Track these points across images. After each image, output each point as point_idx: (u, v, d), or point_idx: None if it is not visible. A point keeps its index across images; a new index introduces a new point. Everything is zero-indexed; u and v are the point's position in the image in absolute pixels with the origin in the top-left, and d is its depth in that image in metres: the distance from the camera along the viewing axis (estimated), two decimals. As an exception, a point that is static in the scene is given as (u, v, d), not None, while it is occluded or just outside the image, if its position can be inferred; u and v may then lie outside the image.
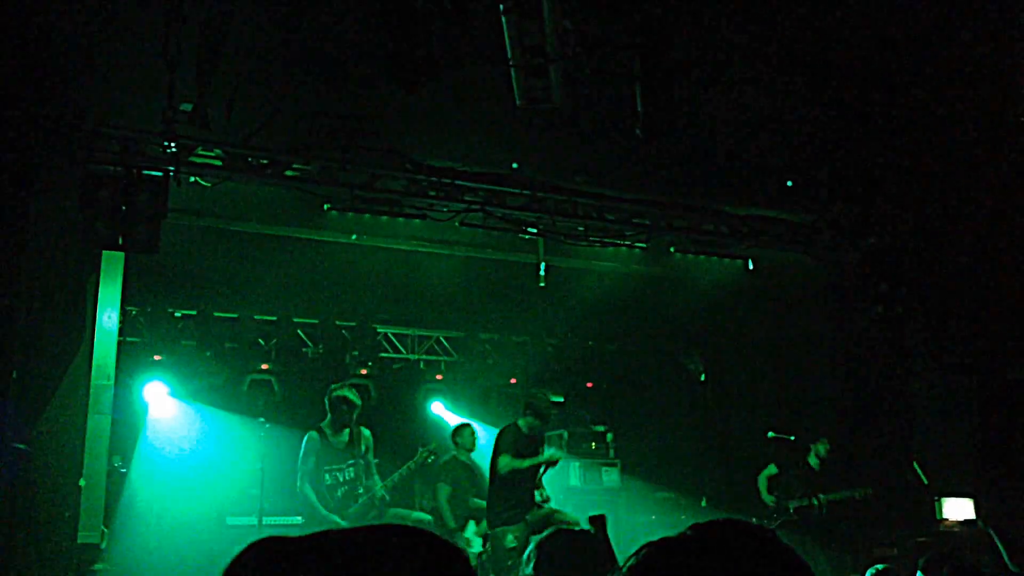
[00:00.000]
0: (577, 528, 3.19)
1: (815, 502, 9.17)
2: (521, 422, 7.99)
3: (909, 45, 6.49)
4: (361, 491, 7.39)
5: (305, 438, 7.43)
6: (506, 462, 7.61)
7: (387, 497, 7.46)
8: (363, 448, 7.49)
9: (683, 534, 1.47)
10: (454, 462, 9.38)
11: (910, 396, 9.73)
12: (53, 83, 6.49)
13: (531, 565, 2.98)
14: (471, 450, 9.50)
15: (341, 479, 7.39)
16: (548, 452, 8.09)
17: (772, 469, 9.49)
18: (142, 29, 6.04)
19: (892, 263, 9.47)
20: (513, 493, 7.91)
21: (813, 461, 9.47)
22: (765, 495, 9.40)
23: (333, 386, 7.54)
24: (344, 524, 7.17)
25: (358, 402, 7.42)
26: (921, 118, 7.53)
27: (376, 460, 7.63)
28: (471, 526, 9.05)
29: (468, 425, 9.77)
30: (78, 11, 5.91)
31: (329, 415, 7.45)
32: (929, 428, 9.58)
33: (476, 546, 8.68)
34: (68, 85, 6.51)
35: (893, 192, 8.88)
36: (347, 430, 7.42)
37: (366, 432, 7.56)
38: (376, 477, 7.51)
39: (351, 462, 7.44)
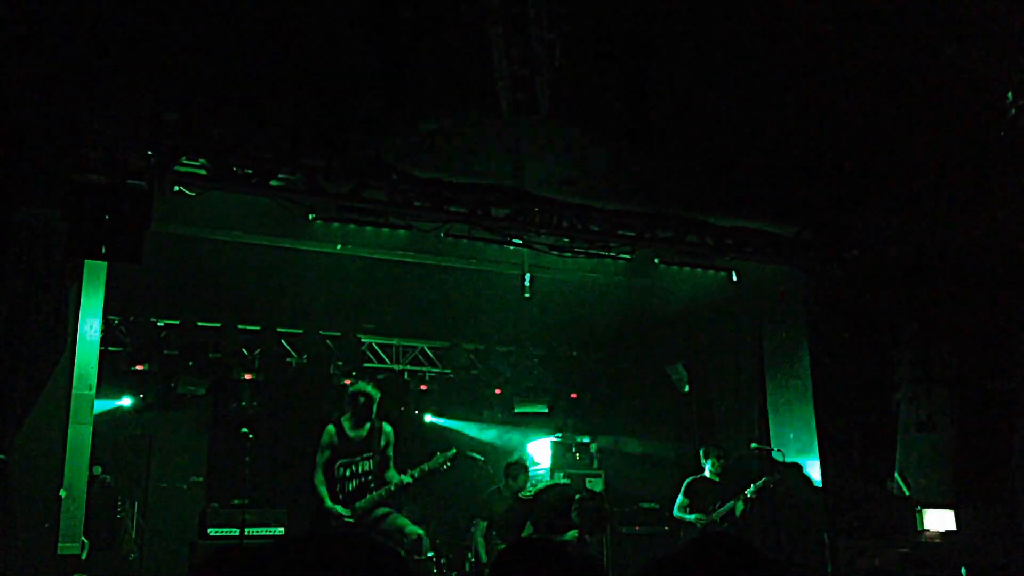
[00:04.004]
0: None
1: (740, 504, 9.13)
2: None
3: (895, 56, 6.55)
4: (374, 485, 7.32)
5: (324, 431, 7.38)
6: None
7: (402, 482, 7.29)
8: (383, 443, 7.41)
9: (678, 550, 1.53)
10: (497, 497, 9.18)
11: (892, 407, 9.78)
12: (37, 91, 6.46)
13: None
14: (520, 490, 9.14)
15: (357, 471, 7.31)
16: None
17: (683, 500, 9.41)
18: (127, 38, 6.03)
19: (875, 275, 9.54)
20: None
21: (712, 476, 9.41)
22: (691, 517, 9.27)
23: (350, 382, 7.49)
24: (348, 516, 7.13)
25: (376, 395, 7.37)
26: (906, 130, 7.59)
27: (392, 455, 7.53)
28: None
29: (523, 464, 9.45)
30: (63, 19, 5.89)
31: (349, 410, 7.39)
32: (910, 439, 9.64)
33: None
34: (52, 94, 6.48)
35: (876, 204, 8.95)
36: (367, 424, 7.35)
37: (387, 427, 7.49)
38: (393, 471, 7.41)
39: (367, 455, 7.35)
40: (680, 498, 9.43)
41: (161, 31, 5.92)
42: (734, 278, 10.03)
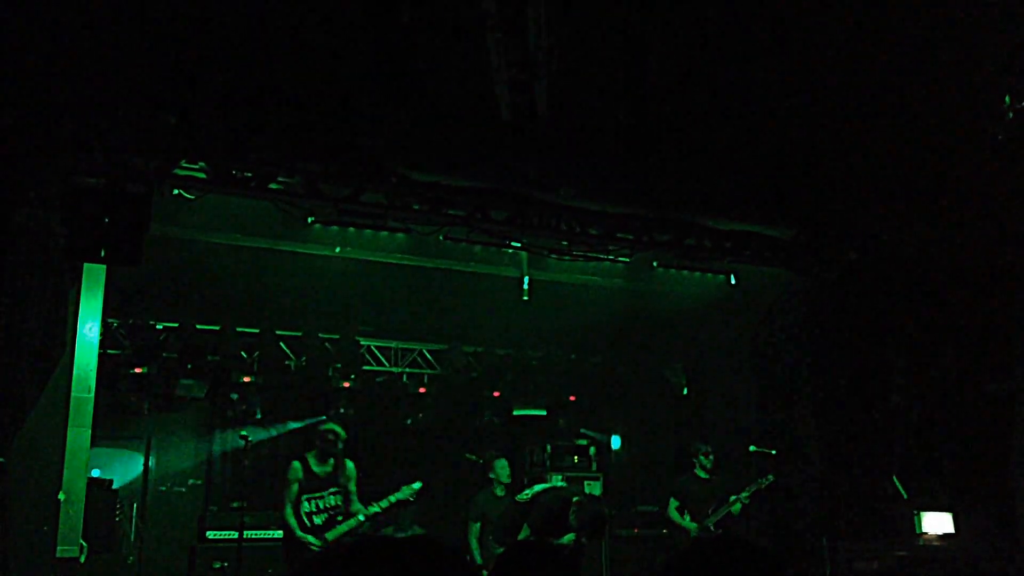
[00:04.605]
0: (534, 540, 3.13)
1: (736, 507, 9.10)
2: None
3: (894, 60, 6.57)
4: (340, 518, 7.65)
5: (290, 467, 7.69)
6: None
7: (366, 524, 7.67)
8: (345, 479, 7.74)
9: (686, 550, 1.55)
10: (490, 498, 9.17)
11: (890, 409, 9.79)
12: (37, 94, 6.47)
13: None
14: (505, 484, 9.11)
15: (321, 506, 7.63)
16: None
17: (674, 502, 9.34)
18: (127, 41, 6.04)
19: (873, 278, 9.56)
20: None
21: (702, 473, 9.33)
22: (685, 523, 9.20)
23: (321, 420, 8.00)
24: (318, 545, 7.39)
25: (344, 435, 7.71)
26: (905, 133, 7.61)
27: (355, 490, 7.87)
28: None
29: (502, 457, 9.48)
30: (63, 22, 5.91)
31: (316, 446, 7.72)
32: (908, 442, 9.65)
33: None
34: (51, 96, 6.49)
35: (874, 207, 8.96)
36: (332, 460, 7.68)
37: (350, 464, 7.80)
38: (358, 504, 7.73)
39: (333, 490, 7.67)
40: (672, 499, 9.40)
41: (160, 34, 5.93)
42: (732, 281, 10.05)
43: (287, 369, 11.56)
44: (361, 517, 7.56)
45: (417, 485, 7.85)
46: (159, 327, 10.84)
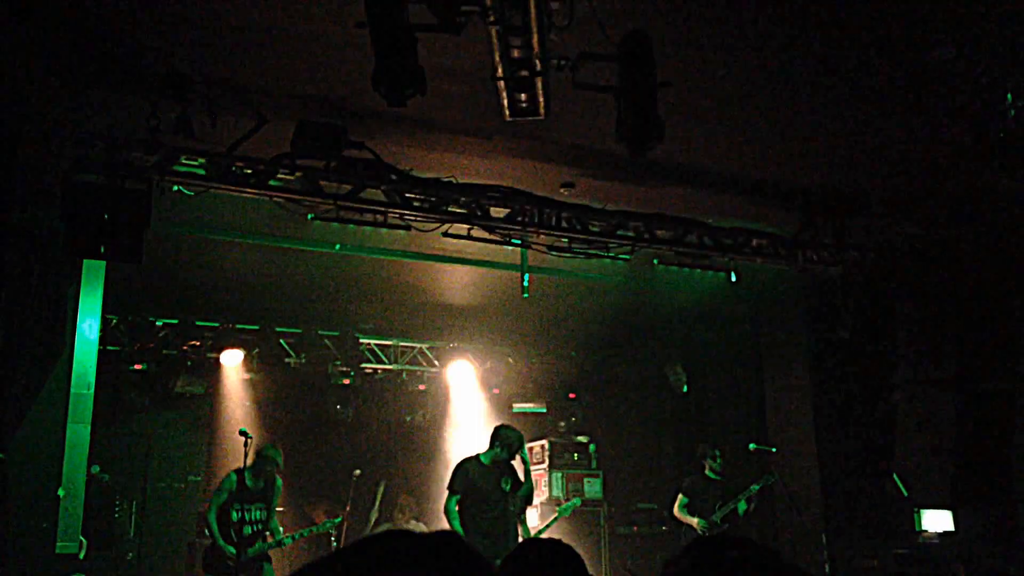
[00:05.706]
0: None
1: (742, 505, 9.20)
2: (483, 456, 8.28)
3: (895, 56, 6.56)
4: (267, 533, 8.34)
5: (226, 476, 8.41)
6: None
7: (283, 542, 8.40)
8: (271, 494, 8.44)
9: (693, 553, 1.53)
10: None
11: (890, 408, 9.79)
12: (35, 90, 6.46)
13: None
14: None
15: (248, 518, 8.23)
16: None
17: (683, 499, 9.50)
18: (127, 37, 6.02)
19: (874, 276, 9.54)
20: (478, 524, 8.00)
21: (712, 475, 9.56)
22: (692, 520, 9.32)
23: (266, 446, 8.67)
24: (235, 557, 7.98)
25: (281, 462, 8.53)
26: (905, 131, 7.59)
27: (275, 506, 8.59)
28: None
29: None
30: (62, 18, 5.88)
31: (255, 464, 8.39)
32: (909, 440, 9.64)
33: None
34: (50, 92, 6.47)
35: (875, 205, 8.95)
36: (264, 480, 8.42)
37: (279, 482, 8.55)
38: (275, 521, 8.46)
39: (260, 505, 8.32)
40: (681, 497, 9.46)
41: (160, 31, 5.91)
42: (733, 278, 10.03)
43: (286, 366, 11.57)
44: (280, 539, 8.33)
45: (339, 519, 8.72)
46: (159, 324, 10.83)
